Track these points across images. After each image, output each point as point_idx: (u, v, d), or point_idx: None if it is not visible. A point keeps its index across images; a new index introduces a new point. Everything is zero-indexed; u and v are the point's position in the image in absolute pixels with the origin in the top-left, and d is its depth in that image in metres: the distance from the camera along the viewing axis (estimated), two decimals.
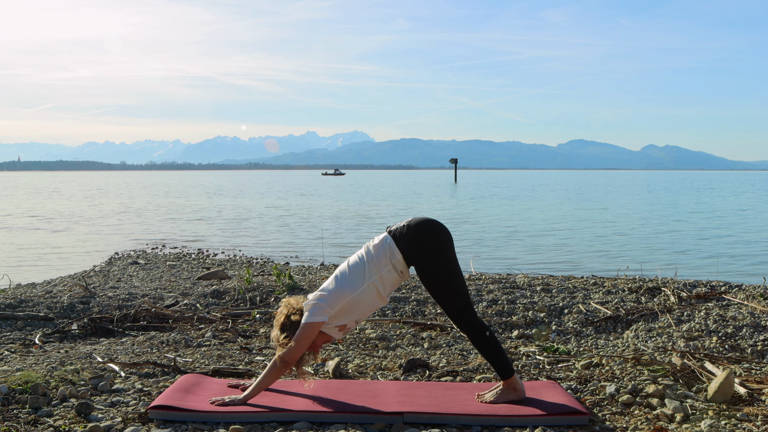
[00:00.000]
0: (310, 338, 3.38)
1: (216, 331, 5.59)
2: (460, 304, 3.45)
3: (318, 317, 3.36)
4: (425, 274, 3.44)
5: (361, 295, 3.41)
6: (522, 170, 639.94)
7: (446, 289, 3.44)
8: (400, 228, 3.46)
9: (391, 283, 3.46)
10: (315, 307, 3.39)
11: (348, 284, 3.42)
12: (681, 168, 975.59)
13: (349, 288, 3.41)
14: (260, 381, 3.42)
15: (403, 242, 3.41)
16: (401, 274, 3.46)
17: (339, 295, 3.40)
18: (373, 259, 3.43)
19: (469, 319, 3.46)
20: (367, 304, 3.45)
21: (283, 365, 3.38)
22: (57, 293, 7.27)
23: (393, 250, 3.41)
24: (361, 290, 3.40)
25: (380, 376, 4.24)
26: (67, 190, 61.07)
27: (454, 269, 3.46)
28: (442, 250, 3.43)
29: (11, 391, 3.57)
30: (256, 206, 32.56)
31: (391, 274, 3.43)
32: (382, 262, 3.42)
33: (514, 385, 3.49)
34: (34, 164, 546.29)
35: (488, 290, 7.06)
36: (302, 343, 3.36)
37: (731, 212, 28.13)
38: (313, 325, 3.37)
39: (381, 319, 5.92)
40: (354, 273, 3.44)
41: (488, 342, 3.46)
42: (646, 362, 4.21)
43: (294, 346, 3.36)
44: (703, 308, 5.90)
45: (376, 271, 3.41)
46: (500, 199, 40.46)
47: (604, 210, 29.06)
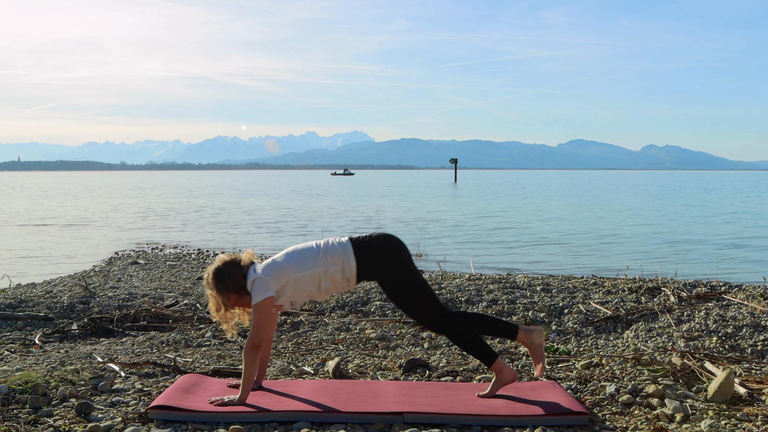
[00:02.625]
0: (266, 316, 3.40)
1: (216, 331, 5.59)
2: (436, 311, 3.49)
3: (266, 293, 3.38)
4: (394, 291, 3.48)
5: (304, 279, 3.43)
6: (522, 170, 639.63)
7: (410, 301, 3.48)
8: (362, 239, 3.49)
9: (335, 284, 3.48)
10: (260, 282, 3.39)
11: (297, 262, 3.44)
12: (681, 168, 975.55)
13: (295, 266, 3.43)
14: (245, 376, 3.42)
15: (362, 254, 3.44)
16: (347, 281, 3.48)
17: (286, 269, 3.42)
18: (328, 252, 3.45)
19: (437, 325, 3.52)
20: (306, 290, 3.47)
21: (255, 349, 3.39)
22: (57, 293, 7.27)
23: (349, 256, 3.44)
24: (306, 273, 3.43)
25: (380, 376, 4.24)
26: (67, 190, 61.06)
27: (416, 279, 3.49)
28: (404, 264, 3.47)
29: (11, 391, 3.57)
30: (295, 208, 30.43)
31: (337, 276, 3.45)
32: (336, 260, 3.44)
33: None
34: (34, 164, 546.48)
35: (488, 290, 7.06)
36: (262, 324, 3.38)
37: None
38: (264, 303, 3.38)
39: (381, 319, 5.92)
40: (306, 254, 3.46)
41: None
42: (646, 362, 4.21)
43: (254, 329, 3.38)
44: (703, 308, 5.90)
45: (323, 264, 3.43)
46: (501, 199, 40.47)
47: (613, 211, 28.77)
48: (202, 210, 29.69)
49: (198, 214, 27.18)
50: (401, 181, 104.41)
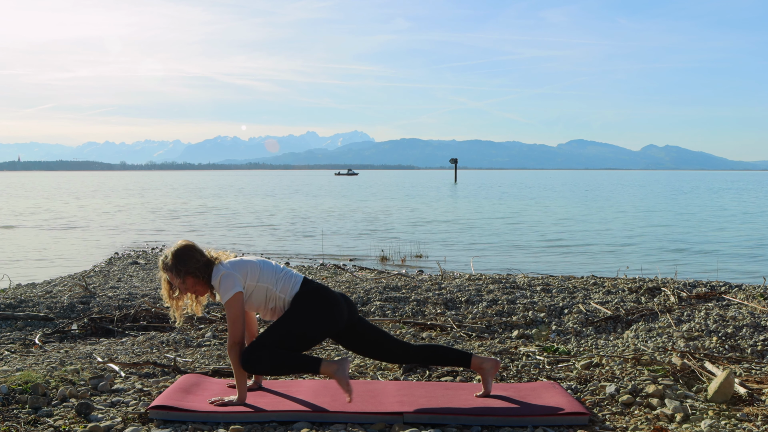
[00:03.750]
0: (239, 312, 3.38)
1: (216, 331, 5.59)
2: (263, 350, 3.37)
3: (235, 288, 3.38)
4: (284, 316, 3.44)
5: (260, 290, 3.45)
6: (522, 170, 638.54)
7: (275, 335, 3.40)
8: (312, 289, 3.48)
9: (276, 309, 3.49)
10: (227, 278, 3.38)
11: (261, 271, 3.46)
12: (681, 168, 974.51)
13: (260, 274, 3.45)
14: (236, 376, 3.43)
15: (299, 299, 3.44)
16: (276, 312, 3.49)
17: (252, 272, 3.43)
18: (284, 278, 3.48)
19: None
20: (258, 302, 3.48)
21: (237, 348, 3.39)
22: (57, 293, 7.27)
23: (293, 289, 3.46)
24: (263, 285, 3.44)
25: (380, 376, 4.24)
26: (68, 190, 61.06)
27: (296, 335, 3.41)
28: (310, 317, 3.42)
29: (11, 391, 3.57)
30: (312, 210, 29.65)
31: (279, 303, 3.47)
32: (285, 288, 3.46)
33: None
34: (34, 164, 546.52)
35: (488, 290, 7.06)
36: (236, 322, 3.37)
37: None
38: (234, 298, 3.37)
39: (381, 319, 5.92)
40: (270, 269, 3.50)
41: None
42: (646, 362, 4.21)
43: (231, 328, 3.37)
44: (703, 308, 5.90)
45: (276, 286, 3.46)
46: (501, 199, 40.46)
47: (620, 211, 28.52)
48: (212, 210, 29.66)
49: (209, 214, 27.17)
50: (403, 181, 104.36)
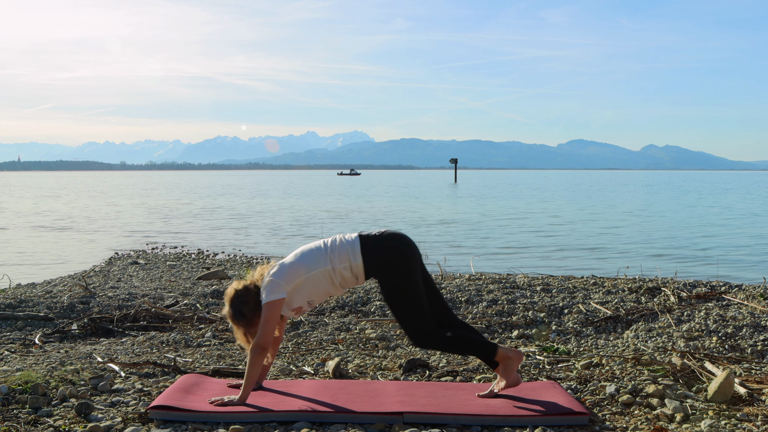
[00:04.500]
0: (275, 317, 3.40)
1: (216, 331, 5.59)
2: (422, 325, 3.44)
3: (277, 294, 3.38)
4: (386, 288, 3.46)
5: (316, 277, 3.43)
6: (522, 170, 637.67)
7: (404, 306, 3.44)
8: (371, 236, 3.48)
9: (345, 280, 3.48)
10: (271, 284, 3.40)
11: (306, 262, 3.44)
12: (681, 168, 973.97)
13: (305, 265, 3.43)
14: (247, 376, 3.42)
15: (369, 252, 3.43)
16: (356, 278, 3.48)
17: (296, 270, 3.43)
18: (336, 250, 3.45)
19: (429, 340, 3.48)
20: (321, 288, 3.47)
21: (260, 351, 3.39)
22: (57, 293, 7.27)
23: (356, 253, 3.43)
24: (316, 272, 3.43)
25: (380, 376, 4.24)
26: (69, 190, 61.06)
27: (416, 287, 3.45)
28: (405, 265, 3.43)
29: (11, 391, 3.57)
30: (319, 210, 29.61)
31: (346, 273, 3.45)
32: (342, 258, 3.44)
33: (505, 356, 3.50)
34: (34, 164, 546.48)
35: (488, 290, 7.06)
36: (269, 324, 3.38)
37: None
38: (274, 303, 3.38)
39: (381, 319, 5.92)
40: (314, 254, 3.47)
41: (453, 344, 3.49)
42: (646, 362, 4.21)
43: (262, 329, 3.38)
44: (703, 308, 5.90)
45: (331, 262, 3.44)
46: (502, 199, 40.45)
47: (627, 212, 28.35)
48: (218, 210, 29.68)
49: (210, 214, 27.18)
50: (405, 180, 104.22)
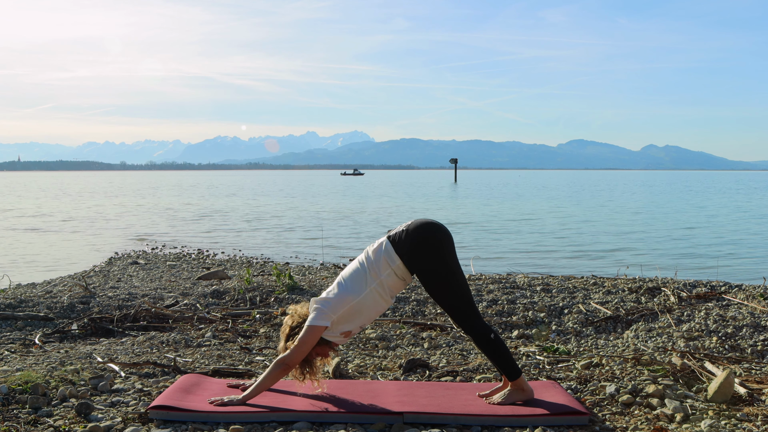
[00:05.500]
0: (312, 341, 3.37)
1: (216, 331, 5.59)
2: (463, 305, 3.40)
3: (321, 321, 3.36)
4: (425, 276, 3.40)
5: (364, 300, 3.39)
6: (522, 170, 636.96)
7: (446, 290, 3.39)
8: (399, 233, 3.43)
9: (393, 286, 3.43)
10: (318, 312, 3.38)
11: (350, 290, 3.40)
12: (681, 168, 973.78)
13: (351, 293, 3.39)
14: (260, 382, 3.41)
15: (403, 248, 3.38)
16: (403, 279, 3.43)
17: (342, 300, 3.39)
18: (372, 264, 3.41)
19: (473, 321, 3.41)
20: (371, 309, 3.43)
21: (284, 368, 3.38)
22: (57, 293, 7.27)
23: (392, 256, 3.39)
24: (363, 296, 3.39)
25: (380, 376, 4.24)
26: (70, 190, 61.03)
27: (454, 270, 3.41)
28: (439, 249, 3.38)
29: (11, 391, 3.57)
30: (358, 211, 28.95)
31: (392, 278, 3.41)
32: (382, 267, 3.39)
33: (522, 386, 3.46)
34: (34, 164, 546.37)
35: (488, 290, 7.06)
36: (304, 346, 3.35)
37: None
38: (315, 328, 3.36)
39: (381, 320, 5.92)
40: (355, 279, 3.42)
41: (494, 345, 3.41)
42: (646, 362, 4.21)
43: (295, 348, 3.36)
44: (703, 308, 5.90)
45: (376, 277, 3.39)
46: (502, 199, 40.44)
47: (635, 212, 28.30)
48: (219, 211, 29.67)
49: (214, 214, 27.17)
50: (406, 180, 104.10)
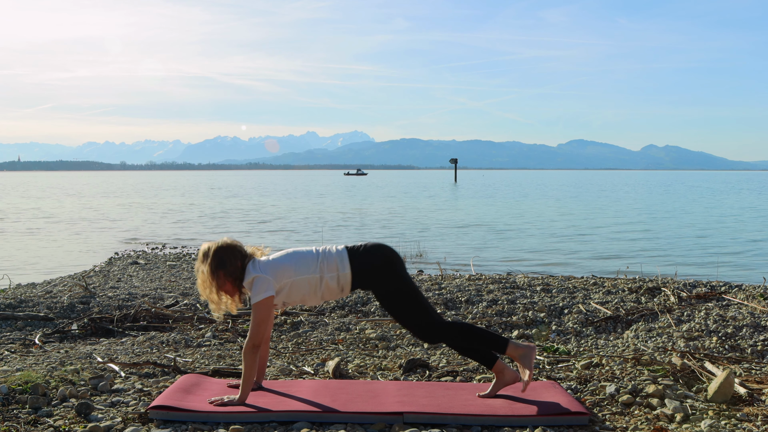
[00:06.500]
0: (268, 316, 3.41)
1: (216, 331, 5.59)
2: (428, 318, 3.51)
3: (267, 292, 3.39)
4: (386, 297, 3.51)
5: (302, 282, 3.46)
6: (522, 170, 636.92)
7: (409, 307, 3.50)
8: (357, 248, 3.53)
9: (329, 290, 3.51)
10: (260, 281, 3.39)
11: (296, 265, 3.46)
12: (681, 168, 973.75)
13: (295, 269, 3.45)
14: (244, 376, 3.42)
15: (356, 262, 3.47)
16: (341, 289, 3.50)
17: (286, 271, 3.44)
18: (325, 259, 3.49)
19: (437, 332, 3.52)
20: (300, 293, 3.49)
21: (255, 350, 3.40)
22: (57, 293, 7.27)
23: (345, 263, 3.47)
24: (303, 277, 3.45)
25: (380, 376, 4.24)
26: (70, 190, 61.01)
27: (412, 286, 3.53)
28: (395, 272, 3.49)
29: (11, 391, 3.57)
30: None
31: (332, 283, 3.48)
32: (331, 267, 3.47)
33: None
34: (34, 164, 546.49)
35: (488, 290, 7.06)
36: (262, 324, 3.39)
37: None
38: (265, 302, 3.39)
39: (381, 320, 5.92)
40: (306, 259, 3.49)
41: (464, 333, 3.52)
42: (646, 362, 4.21)
43: (255, 329, 3.38)
44: (703, 308, 5.90)
45: (321, 271, 3.46)
46: (502, 199, 40.44)
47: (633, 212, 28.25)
48: (223, 211, 29.67)
49: (215, 214, 27.17)
50: (409, 181, 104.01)
